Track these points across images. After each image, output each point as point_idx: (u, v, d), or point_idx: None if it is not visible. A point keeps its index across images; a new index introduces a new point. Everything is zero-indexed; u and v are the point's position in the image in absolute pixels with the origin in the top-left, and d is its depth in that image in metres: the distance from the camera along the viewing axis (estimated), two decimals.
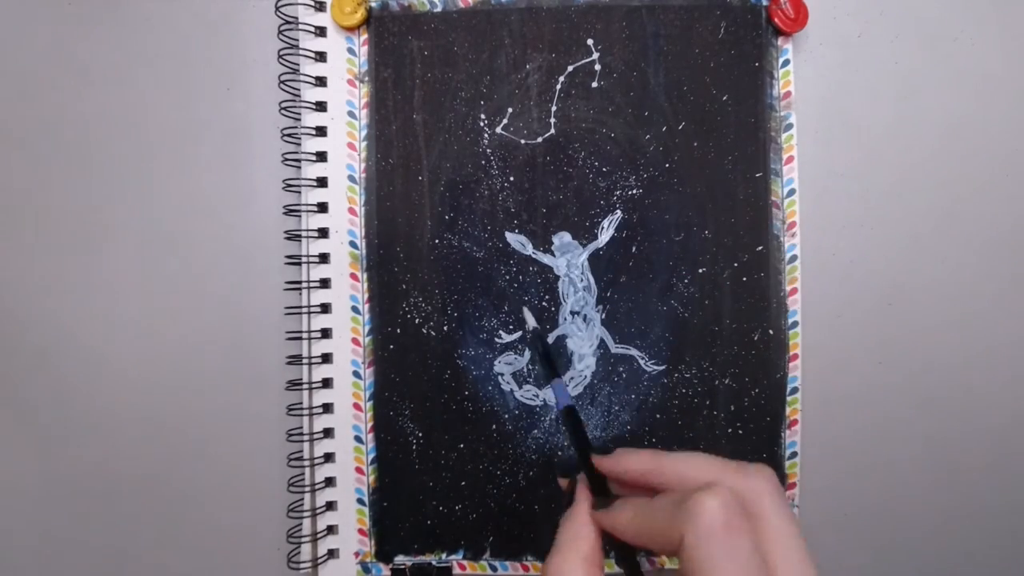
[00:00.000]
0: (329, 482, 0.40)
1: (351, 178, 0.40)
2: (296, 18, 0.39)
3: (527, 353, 0.39)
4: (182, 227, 0.41)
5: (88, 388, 0.41)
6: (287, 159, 0.40)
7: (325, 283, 0.40)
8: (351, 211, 0.40)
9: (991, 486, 0.41)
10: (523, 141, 0.39)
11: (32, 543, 0.41)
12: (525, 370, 0.39)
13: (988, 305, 0.41)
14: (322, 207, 0.39)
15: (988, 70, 0.41)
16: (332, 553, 0.40)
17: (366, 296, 0.40)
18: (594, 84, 0.39)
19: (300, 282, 0.39)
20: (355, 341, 0.40)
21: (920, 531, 0.41)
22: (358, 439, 0.40)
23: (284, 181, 0.40)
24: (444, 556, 0.40)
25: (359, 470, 0.40)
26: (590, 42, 0.39)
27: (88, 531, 0.41)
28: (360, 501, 0.40)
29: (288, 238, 0.40)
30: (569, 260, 0.39)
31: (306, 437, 0.39)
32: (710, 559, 0.22)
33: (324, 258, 0.40)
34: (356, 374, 0.40)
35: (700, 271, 0.39)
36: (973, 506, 0.41)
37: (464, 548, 0.40)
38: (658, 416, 0.39)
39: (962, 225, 0.41)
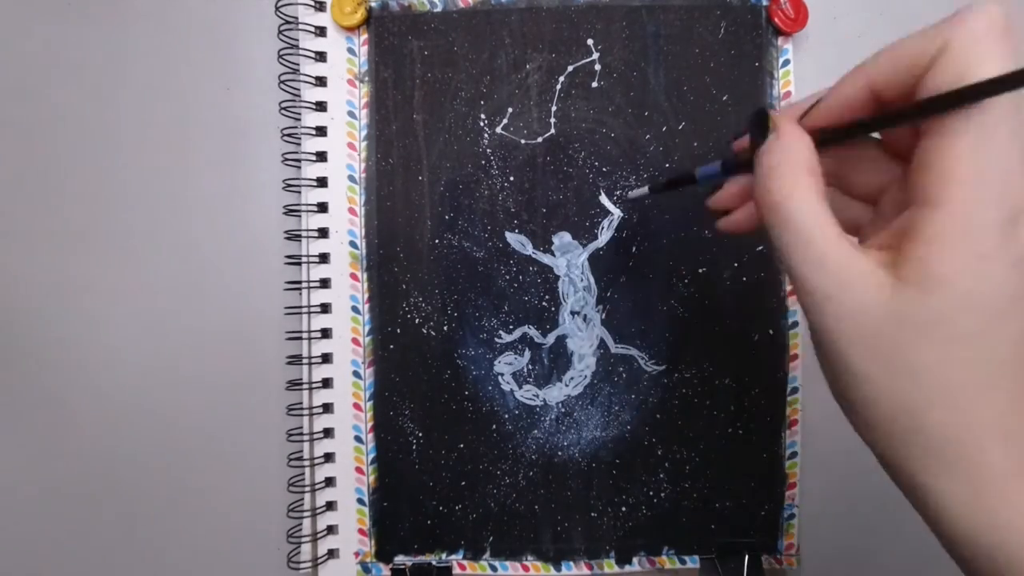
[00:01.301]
0: (329, 482, 0.40)
1: (351, 178, 0.40)
2: (296, 18, 0.39)
3: (527, 353, 0.39)
4: (182, 227, 0.41)
5: (88, 388, 0.41)
6: (287, 159, 0.40)
7: (325, 283, 0.40)
8: (351, 211, 0.40)
9: None
10: (523, 141, 0.39)
11: (32, 542, 0.41)
12: (525, 370, 0.39)
13: None
14: (322, 207, 0.39)
15: None
16: (332, 553, 0.40)
17: (366, 296, 0.40)
18: (594, 84, 0.39)
19: (300, 282, 0.39)
20: (355, 341, 0.40)
21: (920, 531, 0.41)
22: (358, 439, 0.40)
23: (284, 181, 0.40)
24: (444, 556, 0.40)
25: (359, 470, 0.40)
26: (590, 42, 0.39)
27: (88, 530, 0.41)
28: (360, 501, 0.40)
29: (288, 238, 0.40)
30: (569, 260, 0.39)
31: (306, 437, 0.39)
32: (983, 60, 0.18)
33: (324, 258, 0.40)
34: (356, 374, 0.40)
35: (700, 271, 0.39)
36: None
37: (464, 548, 0.40)
38: (658, 416, 0.39)
39: None
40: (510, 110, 0.39)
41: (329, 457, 0.40)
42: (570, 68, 0.39)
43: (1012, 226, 0.18)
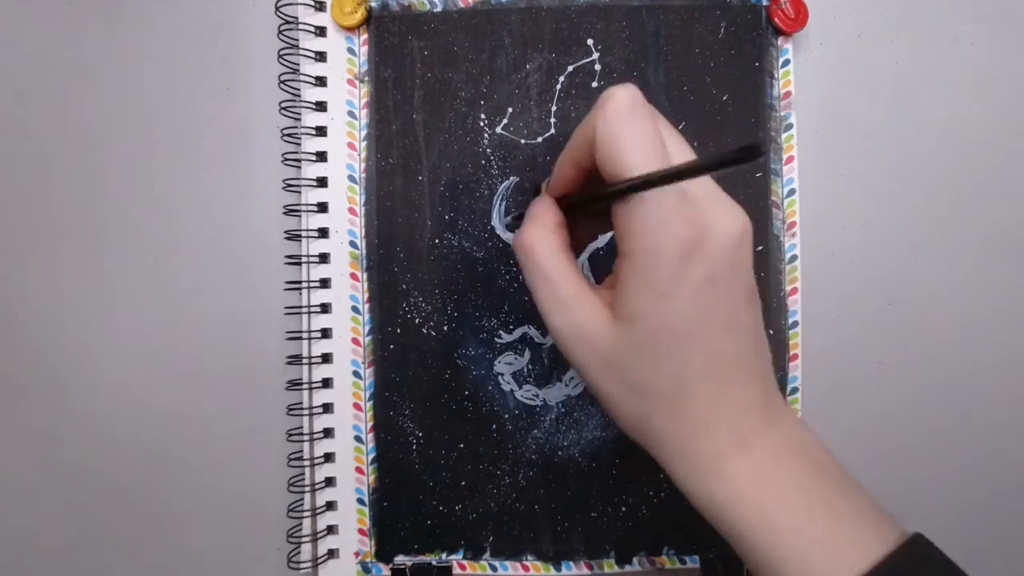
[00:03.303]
0: (329, 482, 0.40)
1: (351, 178, 0.40)
2: (296, 18, 0.39)
3: (527, 353, 0.39)
4: (182, 227, 0.41)
5: (87, 388, 0.41)
6: (287, 159, 0.40)
7: (325, 283, 0.40)
8: (351, 211, 0.40)
9: (991, 485, 0.41)
10: (523, 141, 0.39)
11: (31, 544, 0.41)
12: (525, 370, 0.39)
13: (988, 305, 0.41)
14: (322, 207, 0.39)
15: (988, 70, 0.41)
16: (332, 553, 0.40)
17: (366, 296, 0.40)
18: (594, 84, 0.39)
19: (300, 282, 0.39)
20: (355, 341, 0.40)
21: (920, 530, 0.41)
22: (358, 439, 0.40)
23: (284, 181, 0.40)
24: (444, 556, 0.40)
25: (359, 470, 0.40)
26: (590, 42, 0.39)
27: (87, 531, 0.41)
28: (360, 501, 0.40)
29: (288, 238, 0.40)
30: None
31: (306, 437, 0.39)
32: (617, 137, 0.23)
33: (324, 258, 0.40)
34: (356, 374, 0.40)
35: None
36: (974, 506, 0.41)
37: (464, 548, 0.40)
38: None
39: (962, 225, 0.41)
40: (510, 110, 0.39)
41: (329, 457, 0.40)
42: (570, 68, 0.39)
43: (684, 263, 0.23)
